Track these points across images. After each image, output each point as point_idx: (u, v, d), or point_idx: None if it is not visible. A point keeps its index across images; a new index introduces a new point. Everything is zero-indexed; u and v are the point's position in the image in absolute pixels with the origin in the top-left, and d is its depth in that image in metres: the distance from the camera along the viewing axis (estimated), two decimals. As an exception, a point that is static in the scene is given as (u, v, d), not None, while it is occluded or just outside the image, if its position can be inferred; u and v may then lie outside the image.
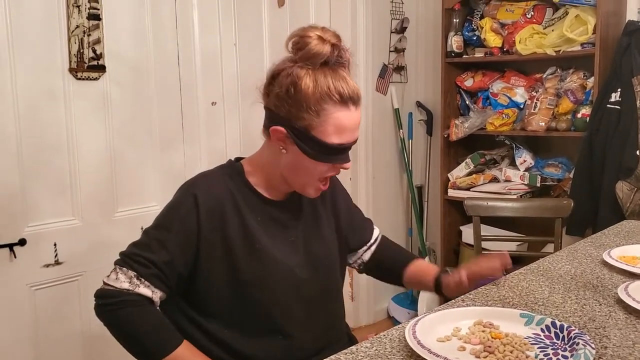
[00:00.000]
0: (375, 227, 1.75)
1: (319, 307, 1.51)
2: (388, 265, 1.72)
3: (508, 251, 3.04)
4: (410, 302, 3.81)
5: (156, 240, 1.38)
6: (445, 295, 1.58)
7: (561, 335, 1.17)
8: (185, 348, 1.36)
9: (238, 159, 1.54)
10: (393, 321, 3.80)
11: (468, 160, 3.67)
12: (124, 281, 1.35)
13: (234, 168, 1.49)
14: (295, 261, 1.47)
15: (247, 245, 1.40)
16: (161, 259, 1.36)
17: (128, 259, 1.37)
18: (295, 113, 1.33)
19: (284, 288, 1.44)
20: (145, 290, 1.35)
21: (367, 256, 1.71)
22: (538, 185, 3.39)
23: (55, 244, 2.34)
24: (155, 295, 1.37)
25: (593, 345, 1.09)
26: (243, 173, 1.47)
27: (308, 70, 1.33)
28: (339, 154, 1.38)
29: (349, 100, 1.34)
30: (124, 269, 1.36)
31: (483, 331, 1.21)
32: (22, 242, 2.24)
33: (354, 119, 1.37)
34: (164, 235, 1.38)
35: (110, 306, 1.35)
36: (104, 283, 1.38)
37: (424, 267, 1.68)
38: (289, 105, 1.33)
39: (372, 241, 1.71)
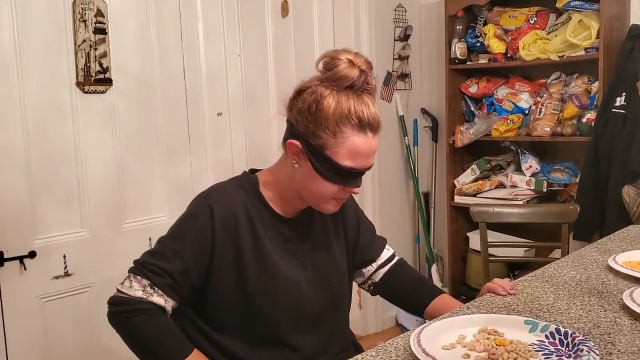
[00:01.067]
0: (388, 247, 1.70)
1: (325, 321, 1.52)
2: (408, 295, 1.68)
3: (515, 257, 3.07)
4: (418, 309, 3.80)
5: (171, 250, 1.39)
6: None
7: (565, 341, 1.18)
8: (195, 357, 1.38)
9: (253, 171, 1.55)
10: (402, 329, 3.79)
11: (474, 166, 3.67)
12: (137, 289, 1.36)
13: (248, 180, 1.49)
14: (303, 277, 1.48)
15: (258, 258, 1.42)
16: (175, 269, 1.37)
17: (142, 268, 1.38)
18: (313, 130, 1.34)
19: (291, 303, 1.45)
20: (158, 299, 1.37)
21: (377, 277, 1.67)
22: (544, 190, 3.39)
23: (64, 256, 2.37)
24: (168, 304, 1.38)
25: (597, 352, 1.10)
26: (257, 186, 1.48)
27: (332, 91, 1.34)
28: (349, 177, 1.38)
29: (368, 126, 1.35)
30: (138, 277, 1.37)
31: (487, 338, 1.21)
32: (31, 254, 2.27)
33: (370, 146, 1.37)
34: (179, 245, 1.39)
35: (124, 314, 1.37)
36: (118, 290, 1.39)
37: (450, 303, 1.59)
38: (308, 122, 1.34)
39: (381, 261, 1.67)
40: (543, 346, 1.19)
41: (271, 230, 1.45)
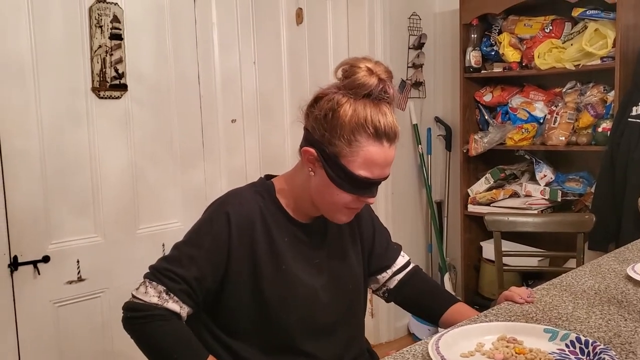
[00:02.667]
0: (403, 254, 1.69)
1: (341, 328, 1.51)
2: (423, 303, 1.66)
3: (530, 266, 3.04)
4: (431, 319, 3.78)
5: (187, 256, 1.38)
6: None
7: (586, 350, 1.16)
8: (210, 364, 1.37)
9: (268, 177, 1.54)
10: (414, 338, 3.77)
11: (488, 175, 3.65)
12: (153, 295, 1.35)
13: (264, 186, 1.49)
14: (319, 283, 1.47)
15: (274, 265, 1.41)
16: (191, 275, 1.36)
17: (158, 273, 1.37)
18: (329, 138, 1.33)
19: (307, 309, 1.44)
20: (173, 305, 1.36)
21: (392, 284, 1.65)
22: (559, 200, 3.37)
23: (78, 261, 2.36)
24: (183, 310, 1.38)
25: (619, 361, 1.08)
26: (274, 192, 1.47)
27: (349, 99, 1.33)
28: (364, 187, 1.36)
29: (384, 135, 1.33)
30: (154, 283, 1.37)
31: (507, 346, 1.20)
32: (45, 259, 2.27)
33: (386, 156, 1.35)
34: (195, 251, 1.38)
35: (139, 319, 1.36)
36: (133, 296, 1.38)
37: (466, 312, 1.57)
38: (324, 129, 1.33)
39: (397, 268, 1.65)
40: (563, 355, 1.17)
41: (288, 236, 1.44)
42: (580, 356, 1.16)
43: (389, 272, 1.65)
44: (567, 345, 1.20)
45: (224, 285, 1.41)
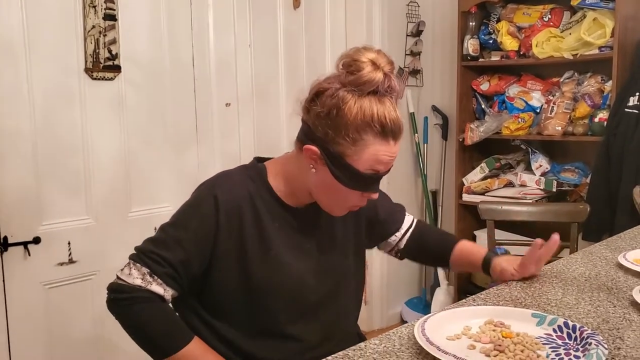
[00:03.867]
0: (408, 214, 1.73)
1: (330, 313, 1.50)
2: (432, 250, 1.72)
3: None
4: (423, 306, 3.79)
5: (173, 238, 1.36)
6: (491, 276, 1.60)
7: (573, 335, 1.15)
8: (195, 345, 1.36)
9: (260, 160, 1.51)
10: (406, 326, 3.77)
11: (483, 164, 3.65)
12: (136, 277, 1.34)
13: (256, 170, 1.46)
14: (308, 269, 1.45)
15: (262, 250, 1.39)
16: (176, 258, 1.34)
17: (143, 255, 1.36)
18: (333, 137, 1.29)
19: (295, 294, 1.42)
20: (157, 287, 1.34)
21: (402, 244, 1.69)
22: (554, 190, 3.36)
23: (69, 243, 2.35)
24: (167, 293, 1.36)
25: (606, 346, 1.07)
26: (266, 176, 1.44)
27: (354, 95, 1.28)
28: (370, 183, 1.35)
29: (390, 133, 1.30)
30: (138, 265, 1.35)
31: (494, 330, 1.19)
32: (36, 240, 2.25)
33: (392, 153, 1.33)
34: (181, 234, 1.36)
35: (122, 301, 1.35)
36: (117, 277, 1.37)
37: (470, 247, 1.69)
38: (327, 127, 1.29)
39: (404, 229, 1.69)
40: (550, 339, 1.16)
41: (279, 221, 1.42)
42: (567, 341, 1.15)
43: (399, 234, 1.69)
44: (554, 330, 1.19)
45: (211, 269, 1.39)
